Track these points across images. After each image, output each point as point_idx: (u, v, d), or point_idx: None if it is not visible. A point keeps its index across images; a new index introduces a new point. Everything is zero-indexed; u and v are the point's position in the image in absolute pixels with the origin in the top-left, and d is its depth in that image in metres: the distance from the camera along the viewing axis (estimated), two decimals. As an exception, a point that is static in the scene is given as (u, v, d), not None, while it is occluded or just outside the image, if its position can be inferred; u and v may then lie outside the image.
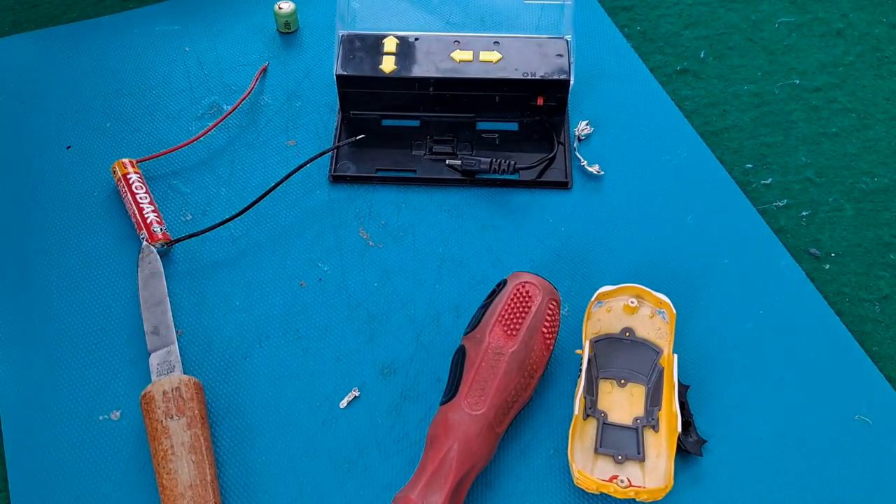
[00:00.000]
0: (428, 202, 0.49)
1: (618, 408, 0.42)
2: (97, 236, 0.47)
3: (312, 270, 0.47)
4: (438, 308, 0.45)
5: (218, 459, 0.40)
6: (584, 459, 0.40)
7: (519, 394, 0.40)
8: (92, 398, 0.42)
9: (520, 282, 0.41)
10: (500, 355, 0.39)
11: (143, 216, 0.46)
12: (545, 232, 0.48)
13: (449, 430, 0.38)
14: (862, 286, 0.47)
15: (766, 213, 0.50)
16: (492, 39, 0.52)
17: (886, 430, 0.42)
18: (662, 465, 0.40)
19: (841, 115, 0.54)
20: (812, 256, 0.48)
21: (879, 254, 0.49)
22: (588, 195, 0.50)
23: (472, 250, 0.47)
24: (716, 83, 0.55)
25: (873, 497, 0.40)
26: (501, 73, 0.50)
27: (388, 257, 0.47)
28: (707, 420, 0.42)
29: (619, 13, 0.59)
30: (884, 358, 0.45)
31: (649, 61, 0.56)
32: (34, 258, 0.46)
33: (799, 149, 0.53)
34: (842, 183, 0.51)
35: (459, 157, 0.50)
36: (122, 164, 0.48)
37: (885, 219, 0.50)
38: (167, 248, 0.46)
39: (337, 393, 0.43)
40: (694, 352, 0.44)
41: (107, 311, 0.45)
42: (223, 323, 0.45)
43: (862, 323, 0.46)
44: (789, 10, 0.59)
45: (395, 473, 0.40)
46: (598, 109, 0.53)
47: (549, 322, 0.41)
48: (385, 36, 0.52)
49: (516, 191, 0.50)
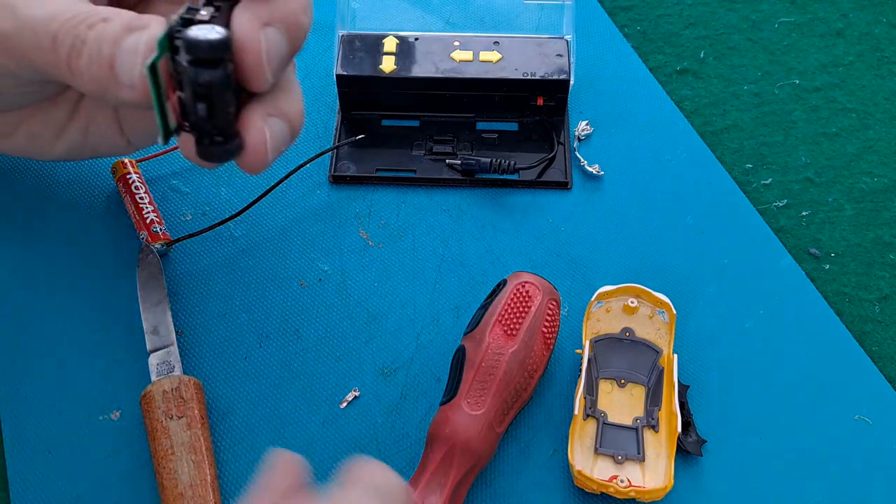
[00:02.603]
0: (428, 202, 0.49)
1: (618, 408, 0.42)
2: (97, 236, 0.47)
3: (312, 270, 0.47)
4: (438, 308, 0.45)
5: (218, 459, 0.40)
6: (584, 459, 0.40)
7: (519, 394, 0.40)
8: (92, 398, 0.42)
9: (520, 282, 0.41)
10: (500, 355, 0.39)
11: (143, 216, 0.46)
12: (545, 232, 0.48)
13: (449, 430, 0.38)
14: (862, 286, 0.47)
15: (766, 213, 0.50)
16: (492, 39, 0.52)
17: (886, 430, 0.42)
18: (662, 465, 0.40)
19: (841, 115, 0.54)
20: (812, 256, 0.48)
21: (879, 254, 0.49)
22: (588, 195, 0.50)
23: (472, 250, 0.47)
24: (716, 83, 0.55)
25: (873, 497, 0.40)
26: (501, 73, 0.50)
27: (388, 257, 0.47)
28: (707, 420, 0.42)
29: (619, 13, 0.59)
30: (884, 358, 0.45)
31: (649, 61, 0.56)
32: (34, 258, 0.46)
33: (799, 149, 0.53)
34: (842, 183, 0.51)
35: (459, 157, 0.50)
36: (121, 164, 0.48)
37: (885, 219, 0.50)
38: (167, 248, 0.46)
39: (337, 393, 0.43)
40: (694, 352, 0.44)
41: (107, 310, 0.45)
42: (223, 323, 0.45)
43: (862, 323, 0.46)
44: (789, 10, 0.59)
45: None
46: (598, 109, 0.53)
47: (549, 322, 0.41)
48: (385, 36, 0.52)
49: (516, 191, 0.50)
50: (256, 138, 0.32)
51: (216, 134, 0.31)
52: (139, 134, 0.40)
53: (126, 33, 0.32)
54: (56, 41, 0.33)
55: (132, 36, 0.32)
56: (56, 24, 0.33)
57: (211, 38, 0.28)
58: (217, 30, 0.29)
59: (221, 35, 0.29)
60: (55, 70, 0.34)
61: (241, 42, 0.30)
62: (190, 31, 0.29)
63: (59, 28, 0.33)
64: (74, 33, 0.33)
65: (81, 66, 0.33)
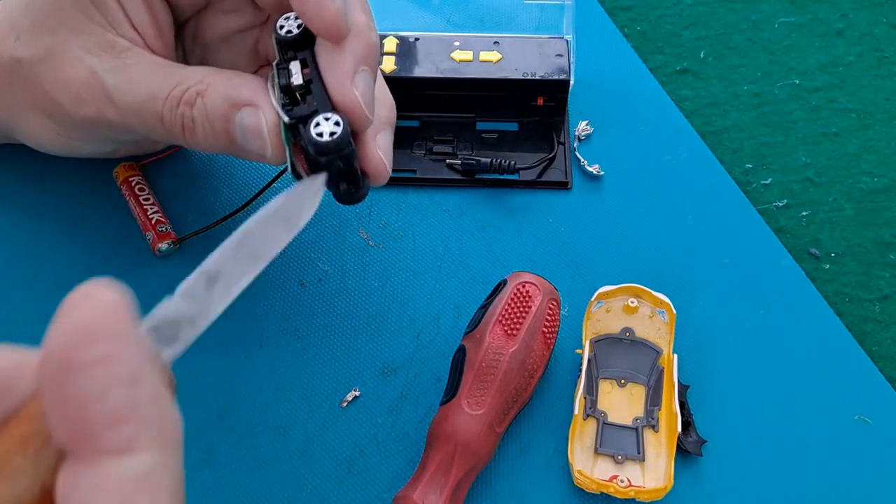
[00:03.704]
0: (428, 202, 0.49)
1: (618, 408, 0.42)
2: (99, 238, 0.47)
3: (312, 270, 0.47)
4: (438, 308, 0.45)
5: (218, 459, 0.40)
6: (584, 459, 0.40)
7: (519, 394, 0.40)
8: (92, 398, 0.42)
9: (520, 282, 0.41)
10: (501, 355, 0.39)
11: (149, 217, 0.46)
12: (545, 232, 0.48)
13: (449, 430, 0.38)
14: (862, 286, 0.47)
15: (766, 213, 0.50)
16: (492, 39, 0.52)
17: (886, 430, 0.42)
18: (662, 465, 0.40)
19: (841, 115, 0.54)
20: (812, 256, 0.48)
21: (879, 254, 0.49)
22: (588, 195, 0.50)
23: (472, 250, 0.48)
24: (716, 83, 0.55)
25: (873, 497, 0.40)
26: (501, 74, 0.50)
27: (388, 257, 0.47)
28: (707, 420, 0.42)
29: (619, 13, 0.59)
30: (884, 358, 0.45)
31: (649, 61, 0.56)
32: (35, 259, 0.46)
33: (799, 149, 0.53)
34: (842, 183, 0.51)
35: (459, 157, 0.50)
36: (123, 167, 0.48)
37: (885, 219, 0.50)
38: (174, 246, 0.46)
39: (337, 393, 0.43)
40: (694, 352, 0.44)
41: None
42: (223, 323, 0.45)
43: (862, 323, 0.46)
44: (789, 10, 0.59)
45: (395, 473, 0.40)
46: (598, 109, 0.53)
47: (549, 322, 0.41)
48: (385, 36, 0.52)
49: (516, 191, 0.50)
50: (378, 169, 0.35)
51: (348, 184, 0.34)
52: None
53: (232, 110, 0.35)
54: (164, 121, 0.36)
55: (245, 115, 0.34)
56: (157, 106, 0.36)
57: (335, 140, 0.32)
58: (335, 123, 0.32)
59: (342, 132, 0.32)
60: (171, 139, 0.37)
61: (346, 110, 0.33)
62: (311, 129, 0.32)
63: (163, 109, 0.36)
64: (179, 113, 0.36)
65: (198, 139, 0.36)
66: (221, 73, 0.36)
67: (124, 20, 0.37)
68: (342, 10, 0.32)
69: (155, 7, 0.38)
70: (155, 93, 0.36)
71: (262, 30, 0.41)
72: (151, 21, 0.38)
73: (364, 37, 0.34)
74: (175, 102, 0.36)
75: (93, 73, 0.37)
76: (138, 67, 0.37)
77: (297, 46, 0.34)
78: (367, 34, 0.34)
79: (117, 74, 0.37)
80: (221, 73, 0.36)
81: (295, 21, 0.34)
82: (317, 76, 0.33)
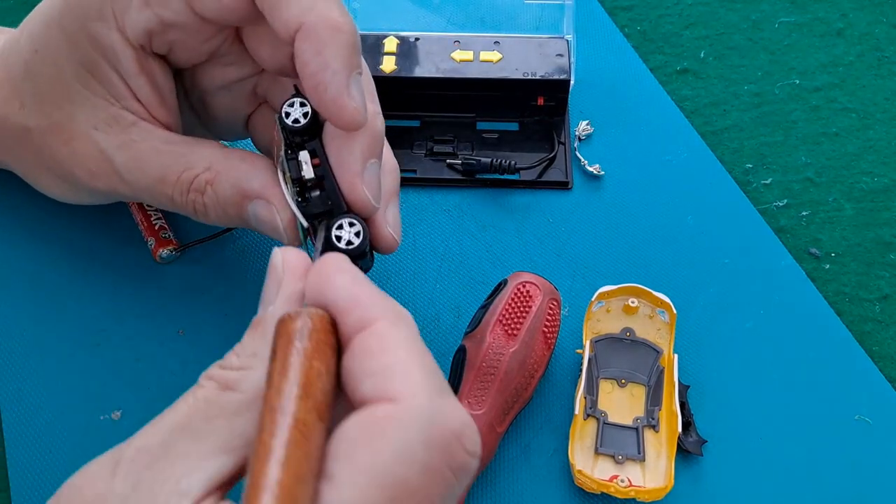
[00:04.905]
0: (428, 202, 0.49)
1: (618, 408, 0.42)
2: (100, 242, 0.47)
3: (313, 270, 0.47)
4: (438, 308, 0.45)
5: (218, 459, 0.40)
6: (584, 459, 0.40)
7: (519, 394, 0.40)
8: (92, 398, 0.42)
9: (520, 282, 0.41)
10: (501, 355, 0.39)
11: (151, 223, 0.46)
12: (545, 232, 0.48)
13: (449, 430, 0.38)
14: (862, 286, 0.47)
15: (766, 213, 0.50)
16: (492, 39, 0.52)
17: (886, 430, 0.42)
18: (662, 465, 0.40)
19: (841, 115, 0.54)
20: (812, 256, 0.48)
21: (879, 254, 0.49)
22: (588, 195, 0.50)
23: (472, 250, 0.48)
24: (716, 83, 0.55)
25: (873, 497, 0.40)
26: (502, 73, 0.50)
27: (388, 257, 0.47)
28: (707, 420, 0.42)
29: (619, 13, 0.59)
30: (884, 358, 0.45)
31: (649, 61, 0.56)
32: (36, 260, 0.46)
33: (799, 149, 0.53)
34: (842, 183, 0.51)
35: (460, 157, 0.50)
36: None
37: (885, 219, 0.50)
38: (176, 253, 0.46)
39: (337, 393, 0.43)
40: (694, 352, 0.44)
41: (108, 312, 0.45)
42: (223, 323, 0.45)
43: (862, 323, 0.46)
44: (789, 10, 0.59)
45: (396, 473, 0.40)
46: (598, 109, 0.53)
47: (549, 322, 0.41)
48: (385, 36, 0.52)
49: (516, 191, 0.50)
50: (389, 245, 0.36)
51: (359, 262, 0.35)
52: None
53: (244, 200, 0.36)
54: (175, 203, 0.37)
55: (258, 207, 0.36)
56: (168, 189, 0.37)
57: (356, 248, 0.33)
58: (355, 234, 0.33)
59: (362, 241, 0.33)
60: (184, 214, 0.38)
61: (357, 207, 0.34)
62: (332, 231, 0.33)
63: (173, 193, 0.37)
64: (191, 199, 0.37)
65: (212, 220, 0.38)
66: (228, 159, 0.36)
67: (126, 92, 0.37)
68: (360, 106, 0.32)
69: (156, 75, 0.37)
70: (164, 176, 0.36)
71: (260, 76, 0.41)
72: (153, 91, 0.37)
73: (371, 129, 0.34)
74: (185, 188, 0.36)
75: (101, 150, 0.37)
76: (144, 145, 0.37)
77: (304, 134, 0.34)
78: (375, 125, 0.34)
79: (125, 153, 0.37)
80: (228, 159, 0.36)
81: (301, 108, 0.34)
82: (328, 170, 0.33)
